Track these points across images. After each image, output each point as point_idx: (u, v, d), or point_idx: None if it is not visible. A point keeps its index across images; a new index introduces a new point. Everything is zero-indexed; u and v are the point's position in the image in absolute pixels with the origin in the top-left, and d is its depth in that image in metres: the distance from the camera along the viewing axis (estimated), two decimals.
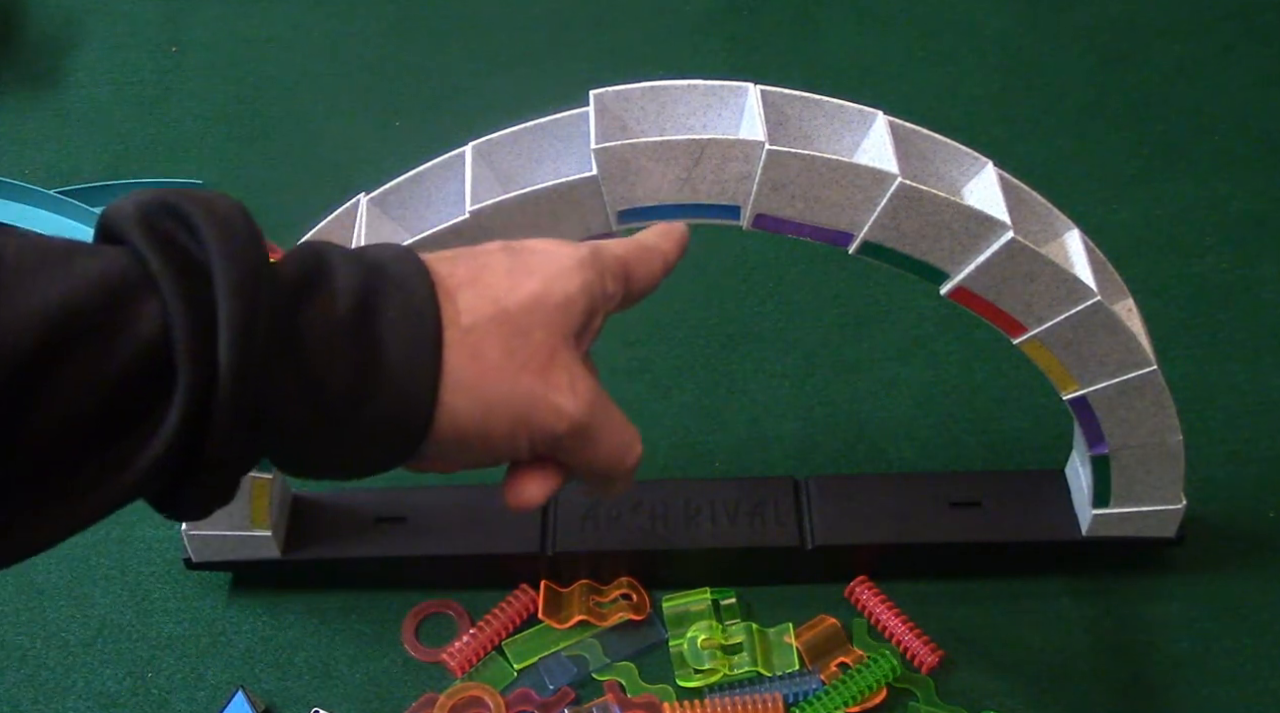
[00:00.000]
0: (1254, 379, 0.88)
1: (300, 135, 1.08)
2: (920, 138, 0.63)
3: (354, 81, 1.12)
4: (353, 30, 1.17)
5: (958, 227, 0.61)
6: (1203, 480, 0.81)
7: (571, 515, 0.77)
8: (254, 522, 0.74)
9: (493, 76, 1.12)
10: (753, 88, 0.62)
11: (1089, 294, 0.63)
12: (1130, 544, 0.76)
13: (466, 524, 0.78)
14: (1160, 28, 1.13)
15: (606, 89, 0.62)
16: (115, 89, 1.12)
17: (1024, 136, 1.04)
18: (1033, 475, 0.79)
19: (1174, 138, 1.04)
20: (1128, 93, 1.08)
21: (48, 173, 1.05)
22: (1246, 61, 1.10)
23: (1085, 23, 1.14)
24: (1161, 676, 0.74)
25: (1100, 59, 1.11)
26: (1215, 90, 1.08)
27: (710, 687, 0.74)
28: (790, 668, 0.74)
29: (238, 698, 0.73)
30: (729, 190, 0.62)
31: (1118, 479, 0.72)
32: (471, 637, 0.76)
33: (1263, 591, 0.78)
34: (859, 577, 0.77)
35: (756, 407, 0.88)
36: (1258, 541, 0.80)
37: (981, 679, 0.74)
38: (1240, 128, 1.05)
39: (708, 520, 0.77)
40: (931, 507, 0.77)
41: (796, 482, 0.79)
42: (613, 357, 0.91)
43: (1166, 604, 0.77)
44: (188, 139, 1.08)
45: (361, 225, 0.64)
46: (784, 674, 0.74)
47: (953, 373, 0.89)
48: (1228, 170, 1.01)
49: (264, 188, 1.03)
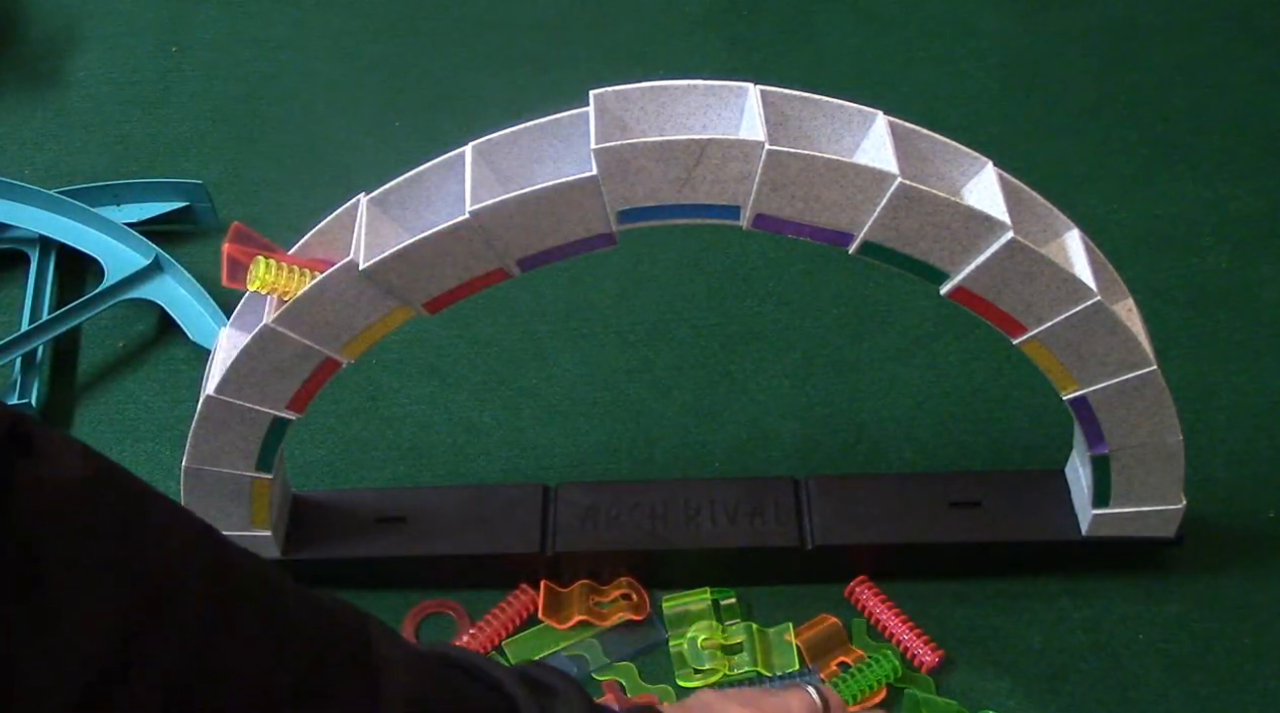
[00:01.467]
0: (1254, 379, 0.88)
1: (300, 135, 1.08)
2: (920, 138, 0.63)
3: (354, 81, 1.12)
4: (353, 30, 1.17)
5: (957, 227, 0.61)
6: (1203, 480, 0.81)
7: (572, 516, 0.77)
8: (254, 522, 0.74)
9: (493, 76, 1.12)
10: (753, 88, 0.62)
11: (1089, 294, 0.63)
12: (1130, 544, 0.76)
13: (467, 524, 0.78)
14: (1160, 28, 1.13)
15: (606, 89, 0.62)
16: (115, 89, 1.12)
17: (1024, 136, 1.04)
18: (1033, 475, 0.79)
19: (1174, 138, 1.04)
20: (1128, 93, 1.08)
21: (48, 173, 1.05)
22: (1246, 61, 1.10)
23: (1085, 23, 1.14)
24: (1161, 676, 0.74)
25: (1100, 59, 1.11)
26: (1215, 90, 1.08)
27: (710, 687, 0.74)
28: (790, 668, 0.74)
29: None
30: (729, 190, 0.62)
31: (1118, 479, 0.72)
32: (471, 637, 0.76)
33: (1263, 590, 0.78)
34: (859, 577, 0.77)
35: (756, 407, 0.88)
36: (1258, 541, 0.80)
37: (981, 679, 0.74)
38: (1240, 128, 1.05)
39: (708, 520, 0.77)
40: (931, 507, 0.77)
41: (796, 482, 0.79)
42: (613, 357, 0.91)
43: (1166, 604, 0.77)
44: (188, 139, 1.08)
45: (361, 225, 0.64)
46: (784, 674, 0.74)
47: (953, 373, 0.89)
48: (1228, 170, 1.01)
49: (264, 188, 1.03)
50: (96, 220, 0.96)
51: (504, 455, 0.86)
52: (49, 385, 0.90)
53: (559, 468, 0.85)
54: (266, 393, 0.68)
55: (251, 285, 0.63)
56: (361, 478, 0.85)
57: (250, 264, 0.63)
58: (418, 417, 0.89)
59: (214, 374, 0.67)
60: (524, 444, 0.87)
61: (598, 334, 0.93)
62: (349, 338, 0.66)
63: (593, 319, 0.93)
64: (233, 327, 0.69)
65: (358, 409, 0.89)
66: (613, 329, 0.93)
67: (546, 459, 0.86)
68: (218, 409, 0.68)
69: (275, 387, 0.68)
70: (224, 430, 0.69)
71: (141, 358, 0.93)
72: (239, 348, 0.66)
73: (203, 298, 0.92)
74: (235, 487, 0.72)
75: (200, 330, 0.91)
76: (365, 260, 0.62)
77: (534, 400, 0.89)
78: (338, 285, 0.63)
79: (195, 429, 0.69)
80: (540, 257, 0.64)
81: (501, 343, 0.92)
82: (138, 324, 0.95)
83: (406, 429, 0.88)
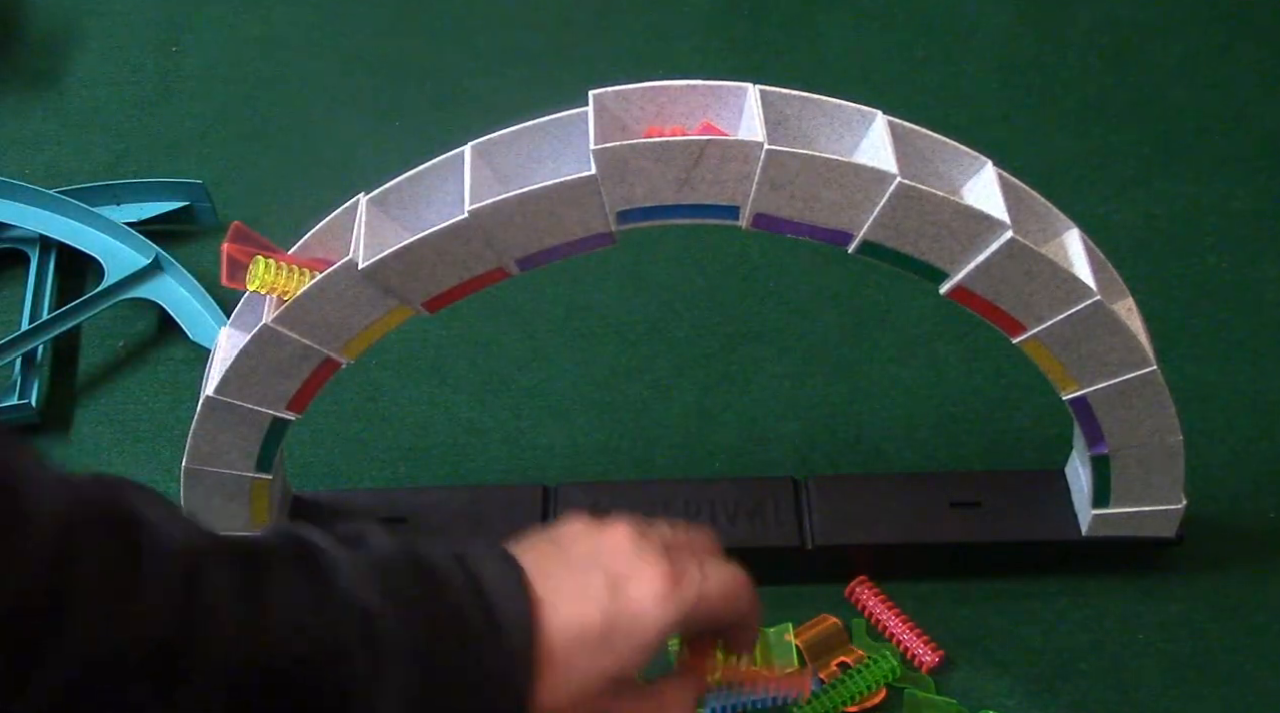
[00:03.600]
0: (1254, 379, 0.88)
1: (300, 135, 1.08)
2: (920, 137, 0.63)
3: (354, 81, 1.12)
4: (353, 30, 1.17)
5: (957, 226, 0.61)
6: (1203, 480, 0.81)
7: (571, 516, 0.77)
8: (254, 522, 0.74)
9: (493, 76, 1.12)
10: (752, 88, 0.62)
11: (1089, 294, 0.63)
12: (1130, 544, 0.76)
13: (467, 525, 0.78)
14: (1160, 28, 1.13)
15: (606, 89, 0.62)
16: (115, 89, 1.12)
17: (1024, 136, 1.04)
18: (1033, 475, 0.79)
19: (1174, 138, 1.04)
20: (1128, 93, 1.08)
21: (48, 173, 1.05)
22: (1246, 61, 1.10)
23: (1085, 22, 1.14)
24: (1161, 676, 0.74)
25: (1100, 59, 1.11)
26: (1215, 90, 1.08)
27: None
28: (791, 666, 0.74)
29: None
30: (728, 191, 0.62)
31: (1118, 479, 0.72)
32: None
33: (1263, 591, 0.78)
34: (859, 576, 0.77)
35: (756, 407, 0.88)
36: (1258, 541, 0.80)
37: (981, 679, 0.74)
38: (1240, 128, 1.05)
39: (708, 520, 0.77)
40: (932, 506, 0.77)
41: (796, 481, 0.79)
42: (613, 357, 0.91)
43: (1166, 604, 0.77)
44: (188, 139, 1.08)
45: (361, 225, 0.64)
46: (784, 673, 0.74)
47: (953, 373, 0.89)
48: (1228, 170, 1.01)
49: (264, 188, 1.03)
50: (96, 220, 0.96)
51: (504, 455, 0.86)
52: (49, 385, 0.90)
53: (559, 468, 0.85)
54: (266, 393, 0.68)
55: (251, 286, 0.63)
56: (361, 478, 0.85)
57: (250, 264, 0.63)
58: (418, 417, 0.89)
59: (213, 374, 0.67)
60: (524, 444, 0.87)
61: (598, 334, 0.93)
62: (349, 338, 0.66)
63: (592, 319, 0.93)
64: (232, 327, 0.69)
65: (358, 409, 0.89)
66: (613, 329, 0.93)
67: (546, 459, 0.86)
68: (217, 409, 0.68)
69: (275, 387, 0.68)
70: (224, 431, 0.69)
71: (141, 358, 0.93)
72: (238, 348, 0.66)
73: (203, 298, 0.92)
74: (235, 487, 0.72)
75: (200, 330, 0.91)
76: (365, 260, 0.62)
77: (534, 400, 0.89)
78: (337, 285, 0.63)
79: (195, 429, 0.69)
80: (540, 256, 0.64)
81: (501, 343, 0.92)
82: (138, 324, 0.95)
83: (406, 429, 0.88)
